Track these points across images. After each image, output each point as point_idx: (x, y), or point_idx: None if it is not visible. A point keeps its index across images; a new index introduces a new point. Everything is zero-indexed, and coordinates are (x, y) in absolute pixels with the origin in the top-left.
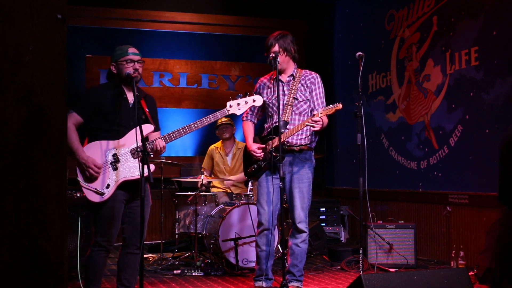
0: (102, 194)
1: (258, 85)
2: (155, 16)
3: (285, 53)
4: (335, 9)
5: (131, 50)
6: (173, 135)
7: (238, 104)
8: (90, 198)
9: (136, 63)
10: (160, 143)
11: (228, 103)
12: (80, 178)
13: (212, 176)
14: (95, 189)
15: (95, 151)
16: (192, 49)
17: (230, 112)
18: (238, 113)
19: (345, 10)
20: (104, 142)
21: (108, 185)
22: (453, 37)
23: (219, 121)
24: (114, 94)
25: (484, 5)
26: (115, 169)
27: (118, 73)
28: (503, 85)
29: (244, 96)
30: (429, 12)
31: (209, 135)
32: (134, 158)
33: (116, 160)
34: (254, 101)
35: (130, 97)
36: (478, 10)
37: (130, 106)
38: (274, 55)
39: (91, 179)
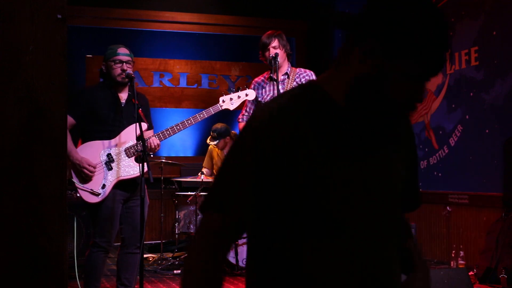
0: (98, 194)
1: (252, 86)
2: (155, 16)
3: (284, 50)
4: (335, 9)
5: (121, 50)
6: (167, 133)
7: (231, 99)
8: (87, 199)
9: (124, 63)
10: (154, 141)
11: (221, 98)
12: (75, 180)
13: (213, 176)
14: (91, 189)
15: (89, 152)
16: (192, 49)
17: (223, 107)
18: (231, 108)
19: (345, 10)
20: (97, 142)
21: (104, 185)
22: (453, 37)
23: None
24: (106, 93)
25: (484, 5)
26: (110, 168)
27: (108, 72)
28: (503, 85)
29: (237, 91)
30: None
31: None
32: (129, 157)
33: (110, 159)
34: (246, 95)
35: (123, 96)
36: (478, 10)
37: (123, 105)
38: (274, 55)
39: (86, 179)
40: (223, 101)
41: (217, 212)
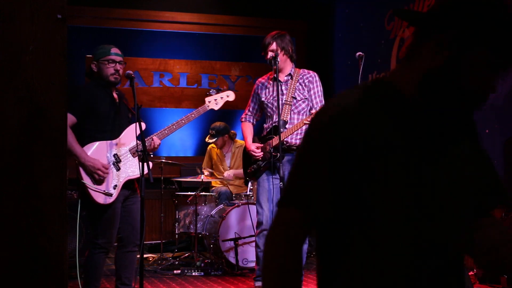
0: (110, 195)
1: (256, 86)
2: (155, 16)
3: (283, 52)
4: (335, 9)
5: (114, 50)
6: (165, 132)
7: (215, 100)
8: (99, 201)
9: (117, 64)
10: (157, 141)
11: (206, 99)
12: (86, 181)
13: (212, 176)
14: (104, 190)
15: (96, 152)
16: (192, 49)
17: (209, 108)
18: (216, 108)
19: (345, 10)
20: (102, 142)
21: (116, 185)
22: None
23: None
24: (103, 92)
25: None
26: (118, 169)
27: (99, 72)
28: (503, 85)
29: (218, 91)
30: None
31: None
32: (134, 157)
33: (117, 160)
34: (228, 96)
35: (115, 96)
36: None
37: (118, 105)
38: (274, 55)
39: (99, 181)
40: (209, 102)
41: (296, 207)
